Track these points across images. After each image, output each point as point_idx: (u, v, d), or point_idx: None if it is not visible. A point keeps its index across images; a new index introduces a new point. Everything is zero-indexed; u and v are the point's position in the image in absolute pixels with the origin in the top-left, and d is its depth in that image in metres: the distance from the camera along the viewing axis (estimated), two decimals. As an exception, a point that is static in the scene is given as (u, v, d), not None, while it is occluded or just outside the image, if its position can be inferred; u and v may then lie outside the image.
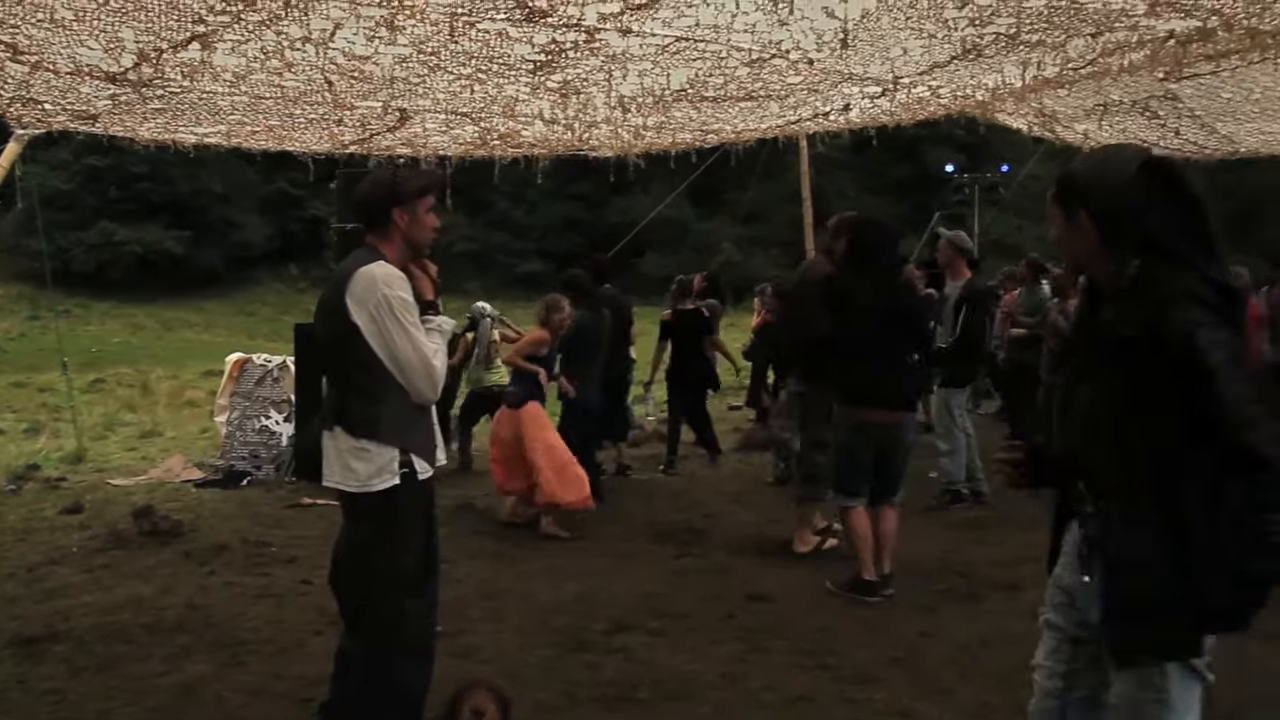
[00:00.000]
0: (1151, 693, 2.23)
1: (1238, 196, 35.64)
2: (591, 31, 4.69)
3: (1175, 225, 2.24)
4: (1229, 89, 7.55)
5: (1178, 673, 2.22)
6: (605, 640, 4.76)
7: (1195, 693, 2.26)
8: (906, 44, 5.17)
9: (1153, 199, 2.25)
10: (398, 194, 3.33)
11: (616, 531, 6.92)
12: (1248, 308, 8.63)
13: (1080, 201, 2.34)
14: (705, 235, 39.80)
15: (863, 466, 5.44)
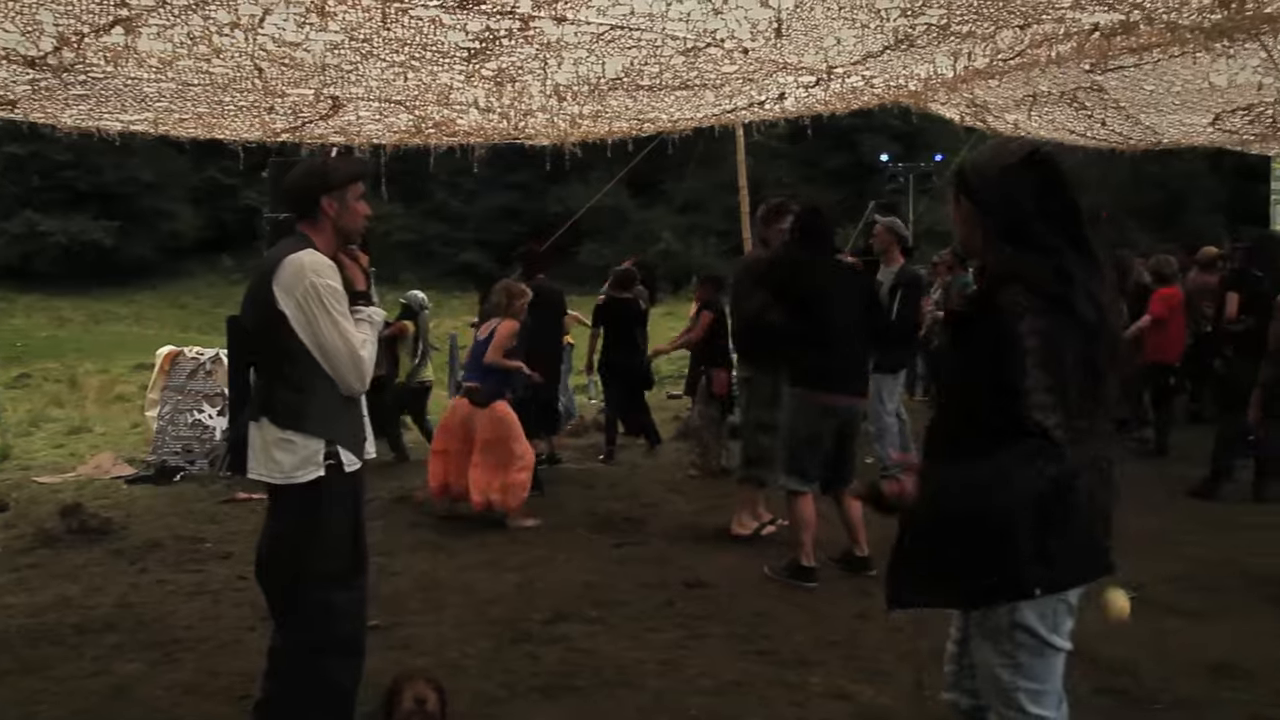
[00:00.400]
0: (1004, 658, 2.39)
1: (1163, 186, 36.52)
2: (525, 19, 4.66)
3: (1046, 216, 2.35)
4: (1151, 81, 7.72)
5: (1029, 641, 2.37)
6: (544, 630, 4.76)
7: (1050, 664, 2.42)
8: (840, 34, 5.22)
9: (1027, 190, 2.36)
10: (327, 181, 3.28)
11: (555, 521, 6.91)
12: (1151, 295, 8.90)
13: (965, 188, 2.47)
14: (644, 224, 39.79)
15: (821, 452, 5.42)
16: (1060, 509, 2.28)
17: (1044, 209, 2.35)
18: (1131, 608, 2.71)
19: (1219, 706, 3.74)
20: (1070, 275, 2.30)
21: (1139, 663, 4.15)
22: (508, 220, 41.65)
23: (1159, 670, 4.08)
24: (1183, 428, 9.81)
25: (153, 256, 40.04)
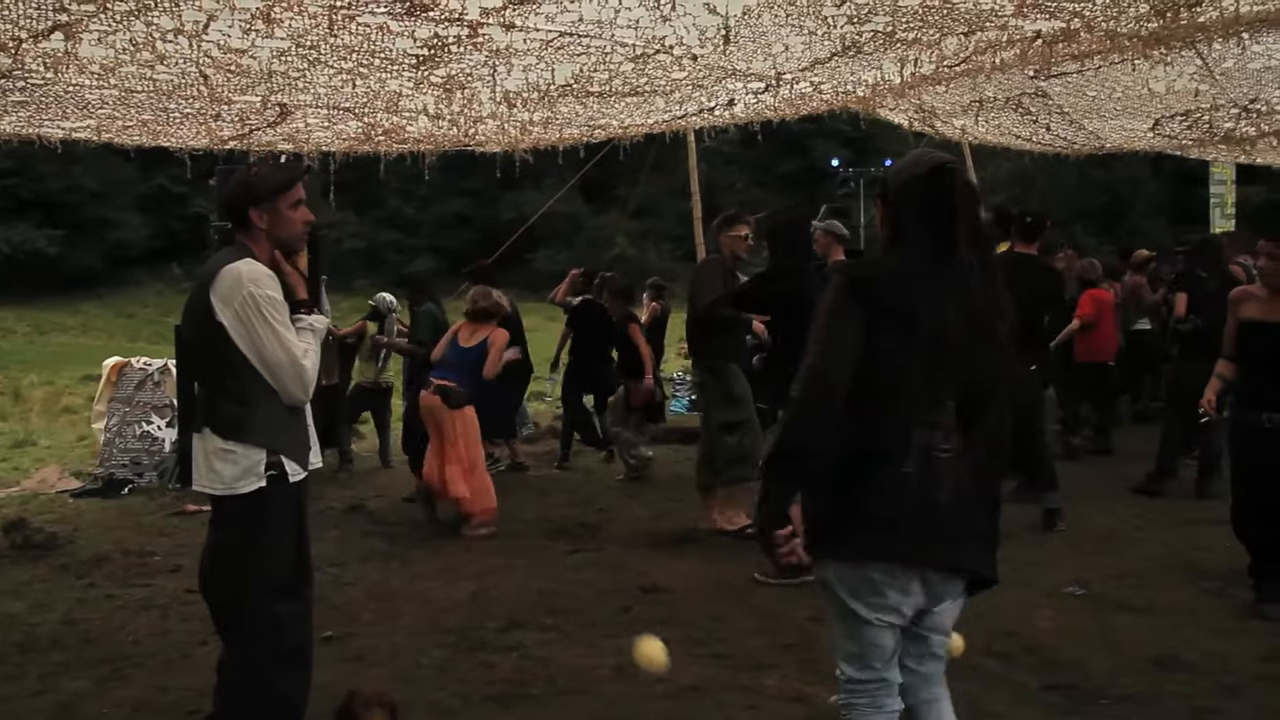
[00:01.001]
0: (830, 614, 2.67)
1: (1108, 189, 37.17)
2: (474, 26, 4.65)
3: (928, 224, 2.54)
4: (1094, 87, 7.87)
5: (831, 599, 2.60)
6: (499, 638, 4.74)
7: (856, 630, 2.58)
8: (788, 40, 5.26)
9: (920, 199, 2.56)
10: (252, 194, 3.21)
11: (510, 529, 6.89)
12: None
13: (881, 190, 2.73)
14: (598, 230, 39.76)
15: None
16: (854, 482, 2.48)
17: (928, 218, 2.53)
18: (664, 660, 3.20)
19: (1163, 699, 3.81)
20: (908, 276, 2.54)
21: (1087, 658, 4.22)
22: (460, 227, 41.45)
23: (1107, 665, 4.15)
24: (1128, 427, 10.00)
25: (99, 266, 39.31)
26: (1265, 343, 4.86)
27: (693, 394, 12.69)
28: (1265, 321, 4.87)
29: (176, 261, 39.01)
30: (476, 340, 7.05)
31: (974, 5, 4.87)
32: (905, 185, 2.60)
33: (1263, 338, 4.88)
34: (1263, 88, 7.78)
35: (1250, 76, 7.52)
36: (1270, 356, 4.84)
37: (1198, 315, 7.20)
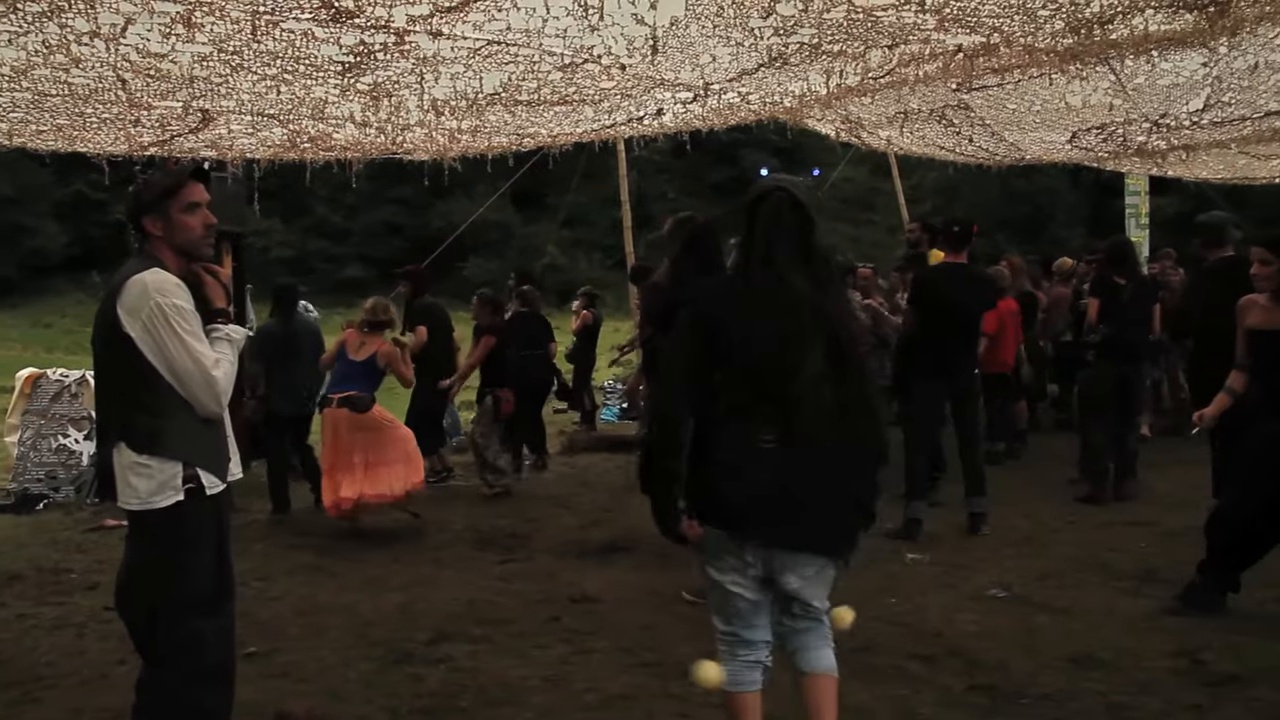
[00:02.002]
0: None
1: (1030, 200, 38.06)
2: (401, 34, 4.62)
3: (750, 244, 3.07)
4: (1013, 101, 8.05)
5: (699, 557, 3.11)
6: (428, 650, 4.69)
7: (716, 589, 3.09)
8: (715, 51, 5.30)
9: (743, 222, 3.10)
10: (140, 201, 3.14)
11: (439, 540, 6.84)
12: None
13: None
14: (529, 239, 39.60)
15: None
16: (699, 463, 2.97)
17: (751, 239, 3.05)
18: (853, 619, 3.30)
19: (1080, 696, 3.90)
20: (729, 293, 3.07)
21: (1009, 659, 4.31)
22: (390, 235, 41.04)
23: (1027, 665, 4.24)
24: (1050, 434, 10.24)
25: (14, 274, 38.20)
26: (1271, 350, 4.83)
27: (623, 402, 12.73)
28: (1266, 329, 4.85)
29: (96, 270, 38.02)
30: (366, 354, 7.20)
31: (897, 19, 4.95)
32: (740, 210, 3.07)
33: (1267, 345, 4.86)
34: (1171, 103, 8.03)
35: (1160, 92, 7.75)
36: (1274, 362, 4.81)
37: (1112, 321, 7.35)
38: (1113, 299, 7.39)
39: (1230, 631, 4.56)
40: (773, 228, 3.00)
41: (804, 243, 3.01)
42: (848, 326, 3.02)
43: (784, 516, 2.88)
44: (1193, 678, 4.06)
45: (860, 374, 3.00)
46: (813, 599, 3.05)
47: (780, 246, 2.98)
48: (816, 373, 2.88)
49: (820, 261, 3.07)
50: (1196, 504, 6.43)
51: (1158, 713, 3.76)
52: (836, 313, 2.98)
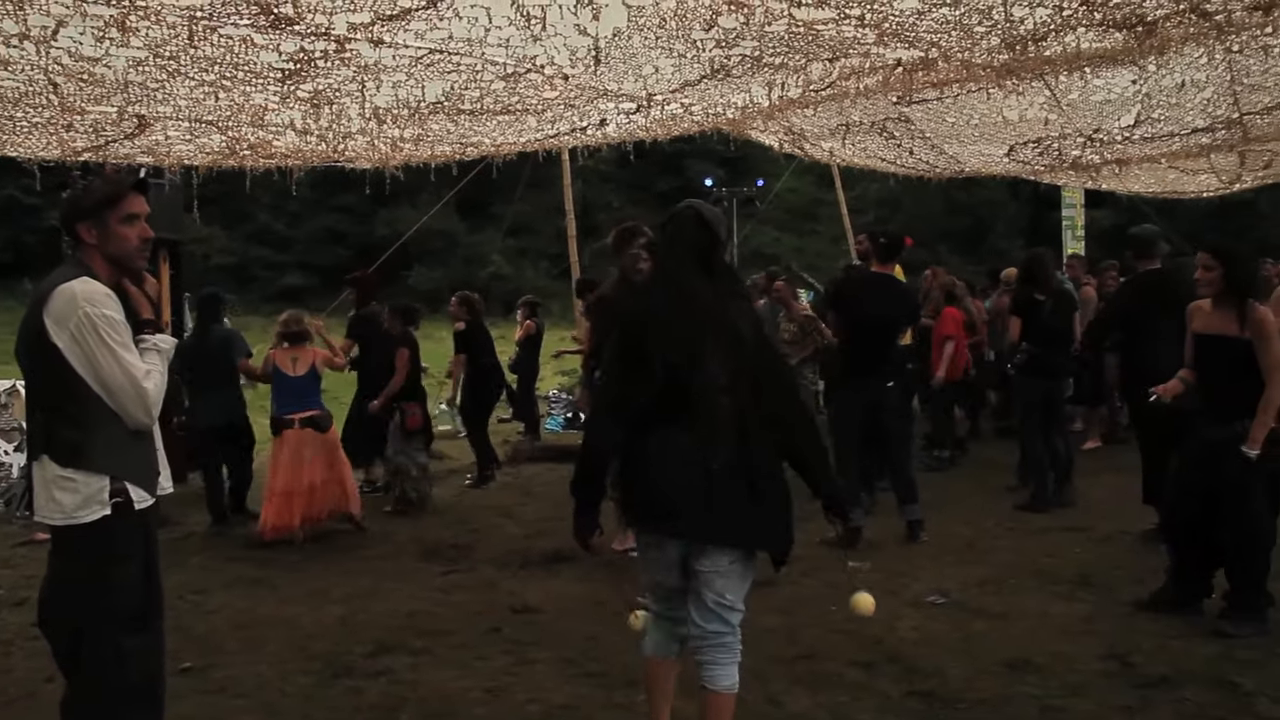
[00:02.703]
0: None
1: (970, 212, 38.68)
2: (342, 41, 4.58)
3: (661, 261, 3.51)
4: (952, 114, 8.18)
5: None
6: (368, 663, 4.65)
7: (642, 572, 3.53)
8: (658, 63, 5.33)
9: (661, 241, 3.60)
10: (78, 208, 3.06)
11: (381, 551, 6.77)
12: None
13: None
14: (474, 247, 39.43)
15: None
16: (626, 465, 3.30)
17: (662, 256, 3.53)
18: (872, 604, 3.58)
19: (1014, 700, 3.97)
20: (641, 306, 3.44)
21: (946, 665, 4.37)
22: (333, 244, 40.64)
23: (963, 670, 4.30)
24: (990, 441, 10.41)
25: (-58, 281, 37.19)
26: (1210, 354, 4.92)
27: (568, 412, 12.71)
28: (1206, 334, 4.95)
29: (29, 277, 37.15)
30: (304, 367, 7.29)
31: (837, 32, 5.02)
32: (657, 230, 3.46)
33: (1206, 349, 4.95)
34: (1104, 119, 8.22)
35: (1093, 108, 7.93)
36: (1212, 367, 4.91)
37: (1034, 338, 7.44)
38: (1034, 315, 7.49)
39: (1159, 634, 4.67)
40: (678, 244, 3.34)
41: (706, 258, 3.29)
42: (746, 335, 3.23)
43: (695, 511, 3.15)
44: (1123, 680, 4.15)
45: (766, 379, 3.23)
46: (725, 591, 3.23)
47: (683, 262, 3.30)
48: (713, 379, 3.13)
49: (724, 275, 3.35)
50: (1129, 510, 6.57)
51: (1089, 715, 3.84)
52: (736, 323, 3.22)
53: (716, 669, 3.26)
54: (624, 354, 3.26)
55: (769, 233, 36.63)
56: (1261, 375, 4.65)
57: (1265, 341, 4.67)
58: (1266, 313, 4.75)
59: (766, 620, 5.00)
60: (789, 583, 5.63)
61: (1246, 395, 4.66)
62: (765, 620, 5.00)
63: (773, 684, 4.22)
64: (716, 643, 3.26)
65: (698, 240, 3.30)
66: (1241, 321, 4.74)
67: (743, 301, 3.39)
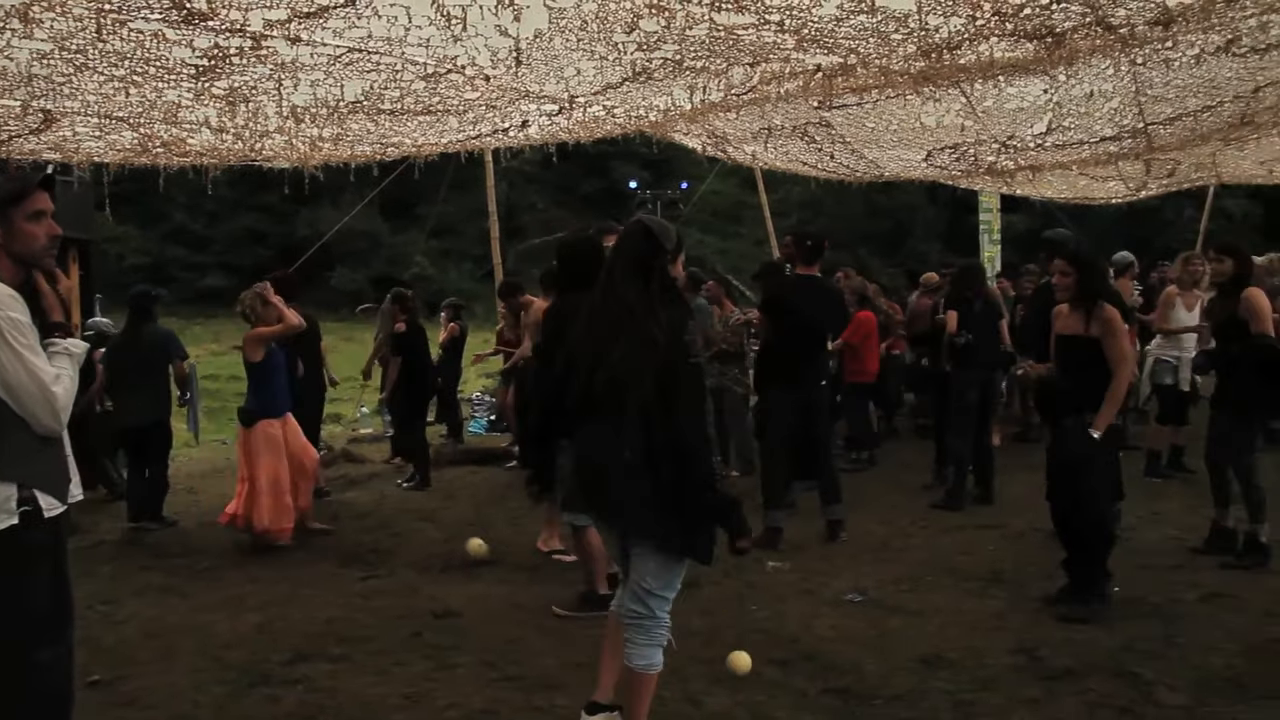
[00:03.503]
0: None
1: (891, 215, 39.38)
2: (257, 38, 4.51)
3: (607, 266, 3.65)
4: (872, 119, 8.32)
5: None
6: (285, 671, 4.57)
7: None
8: (580, 65, 5.34)
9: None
10: None
11: (300, 557, 6.66)
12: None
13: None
14: (398, 248, 39.04)
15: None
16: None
17: (611, 258, 3.65)
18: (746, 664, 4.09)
19: (928, 695, 4.05)
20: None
21: (862, 661, 4.44)
22: (254, 243, 39.96)
23: (879, 667, 4.38)
24: (906, 441, 10.60)
25: None
26: (1070, 354, 5.28)
27: (491, 414, 12.65)
28: (1065, 334, 5.31)
29: (-71, 277, 35.86)
30: (260, 356, 7.05)
31: (758, 37, 5.07)
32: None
33: (1066, 349, 5.32)
34: (1018, 126, 8.43)
35: (1007, 115, 8.13)
36: (1068, 363, 5.27)
37: (970, 330, 7.69)
38: (968, 311, 7.74)
39: (1065, 627, 4.80)
40: (619, 253, 3.57)
41: (646, 267, 3.46)
42: (659, 339, 3.34)
43: (606, 501, 3.49)
44: (1031, 672, 4.27)
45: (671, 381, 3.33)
46: (645, 575, 3.45)
47: (618, 269, 3.52)
48: (617, 377, 3.34)
49: (661, 284, 3.47)
50: (1042, 507, 6.72)
51: (998, 708, 3.93)
52: (652, 327, 3.35)
53: (631, 647, 3.50)
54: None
55: (693, 235, 36.90)
56: (1110, 370, 5.06)
57: (1112, 338, 5.09)
58: (1114, 312, 5.15)
59: (688, 621, 5.03)
60: (711, 583, 5.68)
61: (1096, 389, 5.07)
62: (687, 621, 5.03)
63: (692, 683, 4.25)
64: (634, 623, 3.49)
65: (638, 250, 3.50)
66: (1088, 321, 5.16)
67: (674, 309, 3.47)
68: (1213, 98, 7.59)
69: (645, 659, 3.49)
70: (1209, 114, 8.06)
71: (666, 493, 3.33)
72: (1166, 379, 8.20)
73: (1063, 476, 5.21)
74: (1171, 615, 4.96)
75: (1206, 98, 7.59)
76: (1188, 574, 5.66)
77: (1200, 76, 6.99)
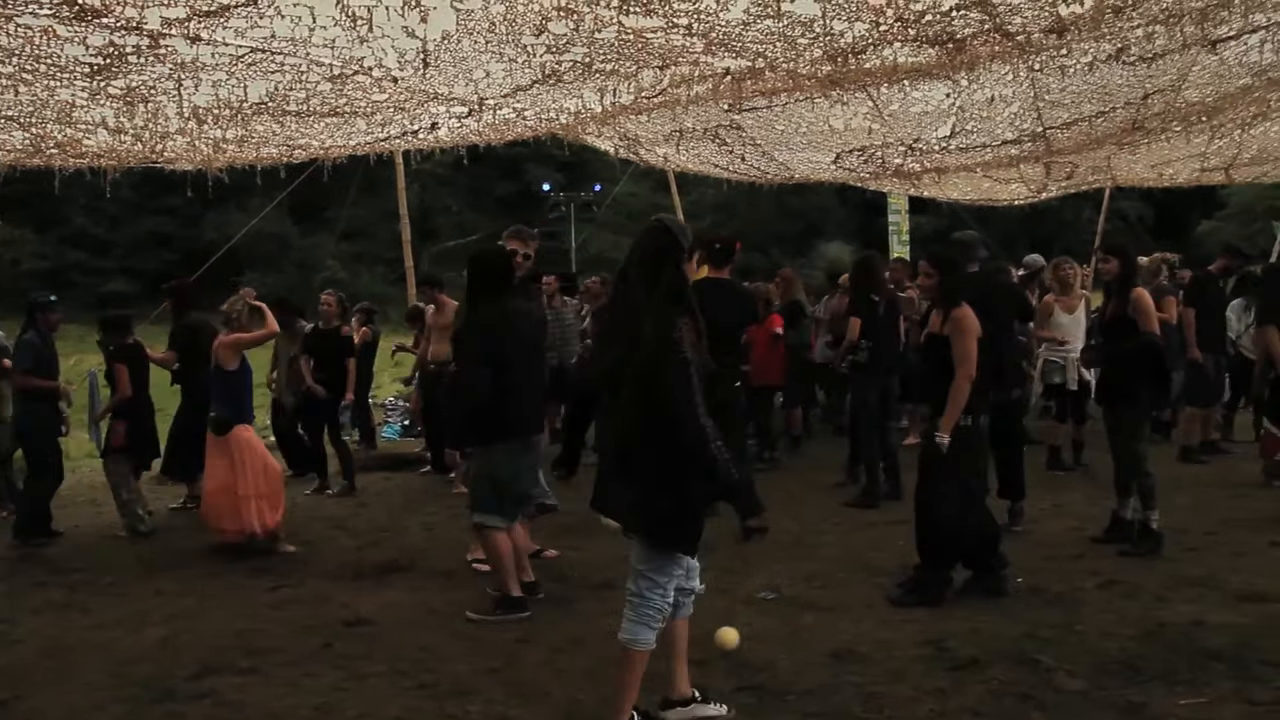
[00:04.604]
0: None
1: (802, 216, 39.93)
2: (155, 36, 4.40)
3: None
4: (781, 122, 8.43)
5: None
6: (190, 686, 4.45)
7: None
8: (489, 67, 5.31)
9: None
10: None
11: (208, 569, 6.49)
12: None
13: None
14: (308, 252, 38.33)
15: (525, 488, 5.47)
16: None
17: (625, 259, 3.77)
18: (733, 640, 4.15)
19: (840, 689, 4.11)
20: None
21: (776, 658, 4.49)
22: (158, 248, 38.93)
23: (792, 663, 4.43)
24: (818, 440, 10.74)
25: None
26: (934, 354, 5.37)
27: (404, 419, 12.50)
28: (932, 334, 5.43)
29: None
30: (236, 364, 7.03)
31: (666, 41, 5.11)
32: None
33: (931, 349, 5.41)
34: (923, 129, 8.62)
35: (912, 119, 8.31)
36: (930, 364, 5.41)
37: (872, 335, 7.76)
38: (871, 315, 7.80)
39: (971, 619, 4.92)
40: (632, 254, 3.70)
41: (658, 264, 3.59)
42: (648, 337, 3.48)
43: (600, 489, 3.83)
44: (938, 663, 4.36)
45: (648, 378, 3.47)
46: (637, 558, 3.68)
47: (634, 267, 3.65)
48: (607, 369, 3.60)
49: (667, 284, 3.57)
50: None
51: (907, 698, 4.01)
52: (643, 325, 3.49)
53: (624, 623, 3.70)
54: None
55: (608, 237, 36.95)
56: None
57: (958, 336, 5.20)
58: (965, 313, 5.24)
59: (604, 622, 5.03)
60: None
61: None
62: (603, 622, 5.03)
63: (607, 685, 4.21)
64: (629, 599, 3.71)
65: (654, 248, 3.64)
66: (945, 322, 5.30)
67: (673, 308, 3.55)
68: (1106, 104, 7.86)
69: (630, 634, 3.66)
70: (1103, 119, 8.34)
71: (652, 485, 3.52)
72: (1055, 378, 8.46)
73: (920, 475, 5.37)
74: (1072, 603, 5.11)
75: (1100, 103, 7.86)
76: (1088, 563, 5.84)
77: (1094, 83, 7.23)
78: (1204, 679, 4.07)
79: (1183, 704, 3.85)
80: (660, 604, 3.66)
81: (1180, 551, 5.93)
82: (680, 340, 3.50)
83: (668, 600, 3.68)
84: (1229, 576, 5.43)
